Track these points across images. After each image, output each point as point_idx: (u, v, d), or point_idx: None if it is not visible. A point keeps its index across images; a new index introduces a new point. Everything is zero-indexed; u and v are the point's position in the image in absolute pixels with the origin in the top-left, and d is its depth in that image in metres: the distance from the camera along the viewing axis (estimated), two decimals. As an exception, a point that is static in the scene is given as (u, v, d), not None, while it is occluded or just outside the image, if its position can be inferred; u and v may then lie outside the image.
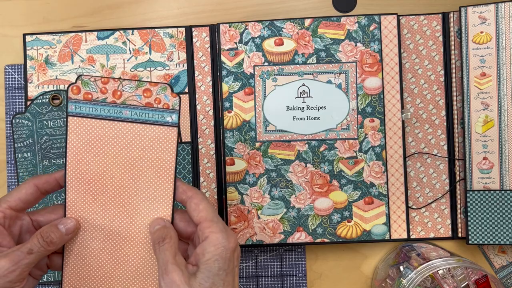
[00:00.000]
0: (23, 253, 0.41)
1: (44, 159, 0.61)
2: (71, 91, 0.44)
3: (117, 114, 0.44)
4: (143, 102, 0.44)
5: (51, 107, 0.61)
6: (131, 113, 0.44)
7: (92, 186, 0.45)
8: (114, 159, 0.44)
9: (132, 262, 0.45)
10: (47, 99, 0.61)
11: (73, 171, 0.44)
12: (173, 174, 0.44)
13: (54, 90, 0.62)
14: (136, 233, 0.45)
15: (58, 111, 0.61)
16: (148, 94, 0.44)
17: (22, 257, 0.41)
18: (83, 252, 0.45)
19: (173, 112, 0.44)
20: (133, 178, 0.44)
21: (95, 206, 0.45)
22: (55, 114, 0.62)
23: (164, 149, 0.44)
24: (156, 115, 0.44)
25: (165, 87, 0.44)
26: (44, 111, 0.61)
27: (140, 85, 0.44)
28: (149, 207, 0.45)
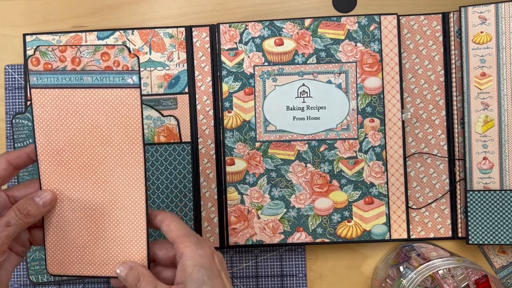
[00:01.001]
0: (1, 226, 0.41)
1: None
2: (31, 63, 0.43)
3: (78, 81, 0.43)
4: (102, 66, 0.43)
5: None
6: (92, 78, 0.43)
7: (62, 156, 0.44)
8: (81, 127, 0.44)
9: (109, 229, 0.45)
10: None
11: (43, 144, 0.44)
12: (141, 137, 0.44)
13: None
14: (110, 199, 0.45)
15: None
16: (106, 58, 0.43)
17: (0, 229, 0.41)
18: (62, 223, 0.45)
19: (133, 73, 0.43)
20: (101, 145, 0.44)
21: (68, 176, 0.45)
22: None
23: (129, 112, 0.43)
24: (117, 78, 0.43)
25: (122, 48, 0.43)
26: None
27: (97, 49, 0.43)
28: (120, 172, 0.44)
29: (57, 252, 0.46)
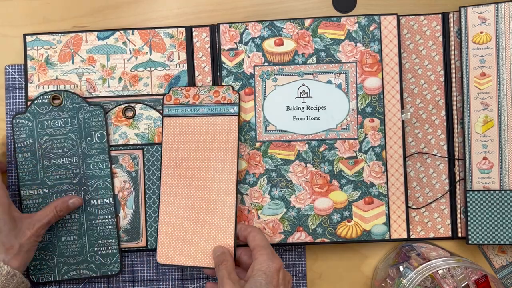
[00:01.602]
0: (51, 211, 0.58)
1: (45, 159, 0.61)
2: (166, 99, 0.61)
3: (196, 111, 0.60)
4: (213, 101, 0.60)
5: (51, 107, 0.61)
6: (206, 109, 0.60)
7: (179, 168, 0.60)
8: (195, 145, 0.59)
9: (207, 227, 0.58)
10: (47, 99, 0.61)
11: (166, 157, 0.60)
12: (236, 152, 0.59)
13: (54, 90, 0.62)
14: (209, 202, 0.59)
15: (58, 111, 0.61)
16: (216, 94, 0.60)
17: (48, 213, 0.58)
18: (172, 220, 0.59)
19: (234, 105, 0.60)
20: (208, 158, 0.59)
21: (181, 183, 0.59)
22: (55, 114, 0.61)
23: (229, 133, 0.59)
24: (223, 109, 0.60)
25: (228, 87, 0.60)
26: (45, 111, 0.61)
27: (211, 89, 0.60)
28: (219, 181, 0.59)
29: (166, 245, 0.59)
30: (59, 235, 0.61)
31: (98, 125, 0.61)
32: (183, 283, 0.63)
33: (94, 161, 0.61)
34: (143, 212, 0.62)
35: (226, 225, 0.58)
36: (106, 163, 0.61)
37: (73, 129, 0.61)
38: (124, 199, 0.62)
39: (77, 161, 0.61)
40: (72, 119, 0.61)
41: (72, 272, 0.61)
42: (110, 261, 0.61)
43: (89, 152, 0.61)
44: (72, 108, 0.61)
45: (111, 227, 0.61)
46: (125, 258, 0.63)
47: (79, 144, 0.61)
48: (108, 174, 0.61)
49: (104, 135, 0.61)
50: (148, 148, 0.62)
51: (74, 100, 0.61)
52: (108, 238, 0.61)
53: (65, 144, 0.61)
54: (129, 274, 0.63)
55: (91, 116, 0.61)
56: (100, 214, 0.61)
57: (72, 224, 0.61)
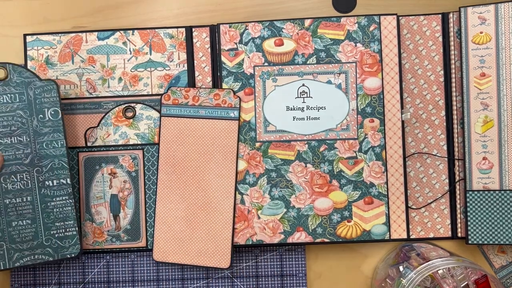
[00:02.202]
0: None
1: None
2: (164, 98, 0.60)
3: (196, 113, 0.60)
4: (214, 103, 0.60)
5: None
6: (205, 111, 0.60)
7: (177, 168, 0.60)
8: (193, 146, 0.59)
9: (206, 227, 0.59)
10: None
11: (164, 158, 0.60)
12: (236, 156, 0.59)
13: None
14: (207, 203, 0.59)
15: (3, 86, 0.57)
16: (217, 97, 0.60)
17: None
18: (169, 219, 0.60)
19: (235, 109, 0.60)
20: (206, 160, 0.59)
21: (179, 183, 0.60)
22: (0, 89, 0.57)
23: (229, 137, 0.59)
24: (223, 112, 0.60)
25: (229, 91, 0.60)
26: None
27: (211, 91, 0.60)
28: (217, 182, 0.59)
29: (162, 243, 0.59)
30: (9, 220, 0.57)
31: (51, 101, 0.57)
32: (183, 283, 0.63)
33: (47, 140, 0.57)
34: (143, 212, 0.62)
35: (223, 227, 0.59)
36: (61, 142, 0.57)
37: (22, 105, 0.57)
38: (124, 199, 0.62)
39: (28, 140, 0.57)
40: (21, 95, 0.57)
41: (25, 258, 0.57)
42: (68, 243, 0.58)
43: (41, 131, 0.57)
44: (20, 83, 0.57)
45: (69, 208, 0.58)
46: (125, 258, 0.63)
47: (30, 122, 0.57)
48: (64, 153, 0.58)
49: (58, 112, 0.57)
50: (148, 148, 0.62)
51: (22, 74, 0.57)
52: (66, 220, 0.58)
53: (13, 122, 0.57)
54: (129, 274, 0.63)
55: (43, 92, 0.57)
56: (56, 195, 0.58)
57: (24, 208, 0.57)
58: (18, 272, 0.62)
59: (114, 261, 0.63)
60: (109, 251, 0.62)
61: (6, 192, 0.57)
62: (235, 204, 0.60)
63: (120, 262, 0.62)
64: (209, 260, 0.59)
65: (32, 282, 0.62)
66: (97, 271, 0.62)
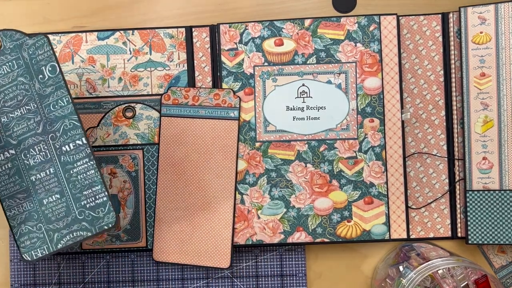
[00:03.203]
0: None
1: (1, 116, 0.53)
2: (164, 98, 0.60)
3: (196, 113, 0.60)
4: (213, 103, 0.60)
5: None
6: (205, 111, 0.60)
7: (177, 168, 0.60)
8: (193, 146, 0.60)
9: (205, 226, 0.59)
10: None
11: (163, 157, 0.60)
12: (235, 156, 0.59)
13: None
14: (208, 203, 0.59)
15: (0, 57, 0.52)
16: (217, 97, 0.60)
17: None
18: (169, 219, 0.60)
19: (235, 109, 0.60)
20: (206, 160, 0.60)
21: (179, 183, 0.60)
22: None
23: (229, 137, 0.59)
24: (223, 112, 0.60)
25: (229, 91, 0.60)
26: None
27: (211, 91, 0.60)
28: (217, 182, 0.60)
29: (162, 243, 0.60)
30: (39, 198, 0.52)
31: (45, 57, 0.52)
32: (183, 283, 0.63)
33: (53, 101, 0.52)
34: (143, 212, 0.62)
35: (223, 227, 0.59)
36: (66, 99, 0.52)
37: (21, 71, 0.52)
38: (124, 199, 0.62)
39: (35, 107, 0.52)
40: (17, 60, 0.52)
41: (65, 237, 0.52)
42: (102, 212, 0.52)
43: (44, 92, 0.52)
44: (13, 48, 0.52)
45: (92, 171, 0.52)
46: (125, 258, 0.63)
47: (32, 86, 0.52)
48: (72, 111, 0.52)
49: (55, 67, 0.52)
50: (148, 148, 0.62)
51: (12, 37, 0.52)
52: (93, 186, 0.52)
53: (18, 92, 0.52)
54: (129, 274, 0.63)
55: (36, 50, 0.52)
56: (76, 160, 0.52)
57: (49, 182, 0.52)
58: (18, 272, 0.62)
59: (114, 261, 0.63)
60: (109, 251, 0.62)
61: (30, 168, 0.52)
62: (235, 204, 0.60)
63: (120, 262, 0.62)
64: (209, 260, 0.59)
65: (32, 282, 0.62)
66: (97, 271, 0.62)
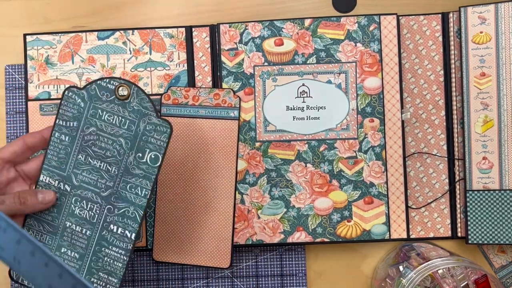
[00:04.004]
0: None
1: (81, 153, 0.50)
2: (164, 98, 0.60)
3: (196, 113, 0.59)
4: (213, 103, 0.59)
5: (114, 97, 0.50)
6: (205, 111, 0.59)
7: (177, 168, 0.59)
8: (193, 146, 0.59)
9: (206, 226, 0.59)
10: (113, 86, 0.50)
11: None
12: (235, 156, 0.59)
13: (125, 80, 0.50)
14: (208, 203, 0.59)
15: (119, 106, 0.50)
16: (217, 97, 0.59)
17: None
18: (170, 219, 0.60)
19: (235, 109, 0.59)
20: (206, 160, 0.59)
21: (179, 183, 0.59)
22: (114, 108, 0.50)
23: (229, 137, 0.59)
24: (223, 112, 0.59)
25: (229, 91, 0.59)
26: (105, 99, 0.50)
27: (211, 91, 0.59)
28: (217, 182, 0.59)
29: (162, 243, 0.60)
30: (60, 243, 0.51)
31: (157, 144, 0.50)
32: (183, 283, 0.63)
33: (133, 183, 0.50)
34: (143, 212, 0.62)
35: (223, 227, 0.59)
36: (146, 191, 0.50)
37: (127, 135, 0.50)
38: (124, 199, 0.62)
39: (116, 173, 0.50)
40: (131, 123, 0.50)
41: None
42: None
43: (133, 170, 0.50)
44: (136, 110, 0.50)
45: (119, 264, 0.50)
46: (125, 258, 0.63)
47: (126, 155, 0.50)
48: (143, 205, 0.50)
49: (158, 159, 0.50)
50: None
51: (143, 102, 0.50)
52: (111, 275, 0.50)
53: (111, 148, 0.50)
54: (129, 274, 0.63)
55: (154, 131, 0.50)
56: (114, 244, 0.51)
57: (78, 239, 0.51)
58: (18, 272, 0.62)
59: (114, 261, 0.63)
60: (109, 251, 0.62)
61: (71, 215, 0.51)
62: (235, 204, 0.60)
63: None
64: (209, 260, 0.59)
65: (32, 282, 0.62)
66: (97, 271, 0.62)
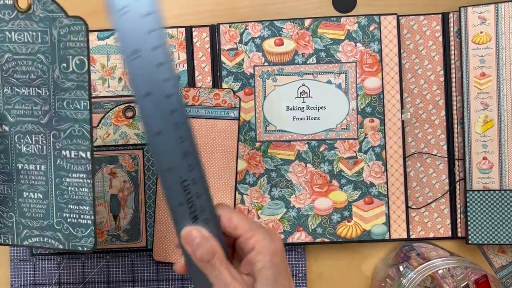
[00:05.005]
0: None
1: (5, 86, 0.45)
2: None
3: (196, 113, 0.59)
4: (213, 103, 0.59)
5: (16, 12, 0.44)
6: (205, 111, 0.59)
7: None
8: None
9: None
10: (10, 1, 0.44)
11: None
12: (236, 155, 0.59)
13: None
14: None
15: (25, 20, 0.44)
16: (217, 97, 0.59)
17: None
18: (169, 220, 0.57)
19: (235, 109, 0.59)
20: (206, 160, 0.59)
21: None
22: (21, 23, 0.44)
23: (229, 137, 0.59)
24: (223, 112, 0.59)
25: (229, 91, 0.59)
26: (7, 18, 0.44)
27: (211, 91, 0.59)
28: (217, 182, 0.59)
29: (162, 243, 0.59)
30: (20, 189, 0.47)
31: (77, 47, 0.44)
32: (183, 283, 0.63)
33: (69, 98, 0.45)
34: (143, 212, 0.62)
35: None
36: (85, 103, 0.44)
37: (44, 48, 0.44)
38: (124, 199, 0.62)
39: (47, 94, 0.45)
40: (43, 33, 0.44)
41: (35, 238, 0.48)
42: (81, 233, 0.47)
43: (63, 84, 0.45)
44: (43, 18, 0.44)
45: (85, 190, 0.46)
46: (125, 258, 0.63)
47: (51, 70, 0.45)
48: (86, 118, 0.45)
49: (84, 63, 0.44)
50: (148, 148, 0.62)
51: (47, 6, 0.44)
52: (81, 204, 0.46)
53: (33, 69, 0.45)
54: (129, 274, 0.63)
55: (69, 33, 0.44)
56: (72, 170, 0.46)
57: (37, 178, 0.47)
58: (18, 272, 0.62)
59: (114, 261, 0.63)
60: (109, 251, 0.62)
61: (20, 155, 0.46)
62: (235, 204, 0.60)
63: (120, 262, 0.62)
64: None
65: (32, 282, 0.62)
66: (97, 271, 0.62)
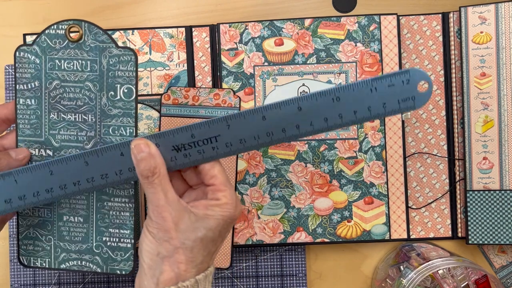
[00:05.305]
0: None
1: (52, 112, 0.46)
2: (164, 98, 0.59)
3: (196, 113, 0.58)
4: (213, 103, 0.58)
5: (67, 42, 0.45)
6: (205, 111, 0.58)
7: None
8: None
9: None
10: (62, 31, 0.45)
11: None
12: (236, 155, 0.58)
13: (72, 20, 0.45)
14: None
15: (75, 49, 0.45)
16: (217, 97, 0.58)
17: None
18: None
19: (235, 109, 0.59)
20: None
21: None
22: (71, 52, 0.45)
23: None
24: (223, 112, 0.58)
25: (229, 91, 0.58)
26: (58, 47, 0.45)
27: (211, 91, 0.58)
28: None
29: None
30: (61, 212, 0.47)
31: (126, 76, 0.45)
32: (183, 283, 0.62)
33: (115, 125, 0.46)
34: (143, 212, 0.62)
35: None
36: (130, 130, 0.45)
37: (92, 76, 0.45)
38: (124, 199, 0.62)
39: (93, 121, 0.46)
40: (93, 62, 0.45)
41: (72, 261, 0.48)
42: (121, 257, 0.48)
43: (110, 111, 0.45)
44: (94, 48, 0.45)
45: (127, 214, 0.47)
46: (125, 258, 0.63)
47: (98, 98, 0.45)
48: None
49: (132, 91, 0.45)
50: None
51: (97, 37, 0.45)
52: (122, 228, 0.47)
53: (80, 96, 0.46)
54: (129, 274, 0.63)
55: (118, 63, 0.45)
56: (115, 195, 0.47)
57: (78, 202, 0.47)
58: (18, 272, 0.62)
59: (114, 261, 0.63)
60: (109, 251, 0.62)
61: None
62: None
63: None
64: None
65: (32, 282, 0.62)
66: (97, 271, 0.62)
